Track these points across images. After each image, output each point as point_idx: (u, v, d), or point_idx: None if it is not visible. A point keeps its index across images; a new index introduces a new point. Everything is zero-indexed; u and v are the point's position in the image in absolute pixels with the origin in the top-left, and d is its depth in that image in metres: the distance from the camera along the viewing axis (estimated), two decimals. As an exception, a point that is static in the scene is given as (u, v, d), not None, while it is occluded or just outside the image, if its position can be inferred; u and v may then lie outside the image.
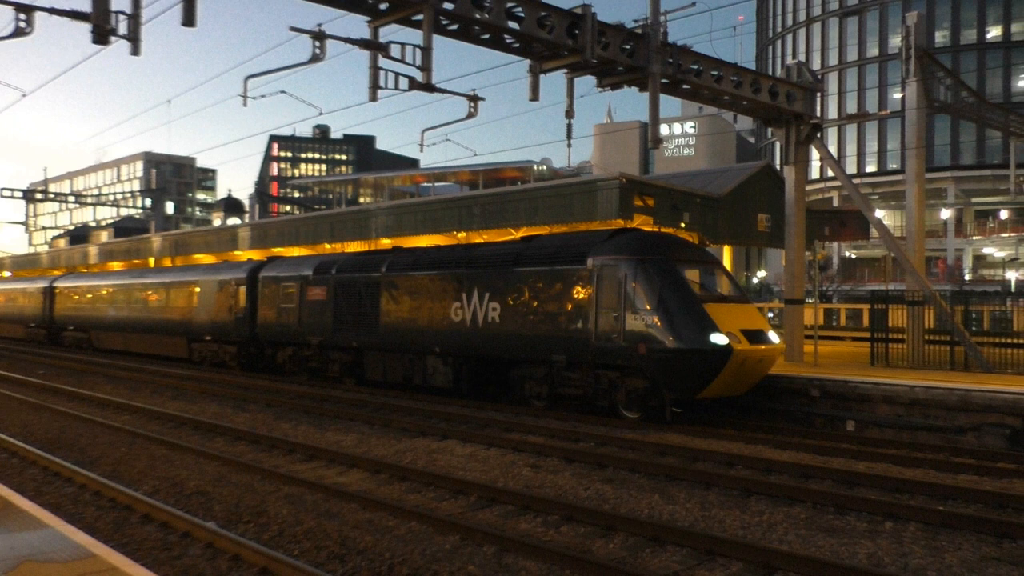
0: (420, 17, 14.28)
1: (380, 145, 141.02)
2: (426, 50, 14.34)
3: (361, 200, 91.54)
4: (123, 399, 18.57)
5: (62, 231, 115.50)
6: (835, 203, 59.61)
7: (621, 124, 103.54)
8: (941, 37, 57.59)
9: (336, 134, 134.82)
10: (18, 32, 12.70)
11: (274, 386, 21.60)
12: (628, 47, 16.83)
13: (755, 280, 67.06)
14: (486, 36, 15.64)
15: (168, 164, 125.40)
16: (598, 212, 21.73)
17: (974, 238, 60.45)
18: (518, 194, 25.54)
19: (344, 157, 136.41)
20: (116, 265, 45.84)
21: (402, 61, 14.57)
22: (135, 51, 12.74)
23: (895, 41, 55.13)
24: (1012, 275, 54.78)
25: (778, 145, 57.47)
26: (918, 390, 14.49)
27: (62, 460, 11.34)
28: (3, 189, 49.43)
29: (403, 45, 14.59)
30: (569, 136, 17.19)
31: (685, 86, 18.48)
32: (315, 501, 9.46)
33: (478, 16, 14.76)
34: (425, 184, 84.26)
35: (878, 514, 8.95)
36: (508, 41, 15.86)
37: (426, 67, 14.48)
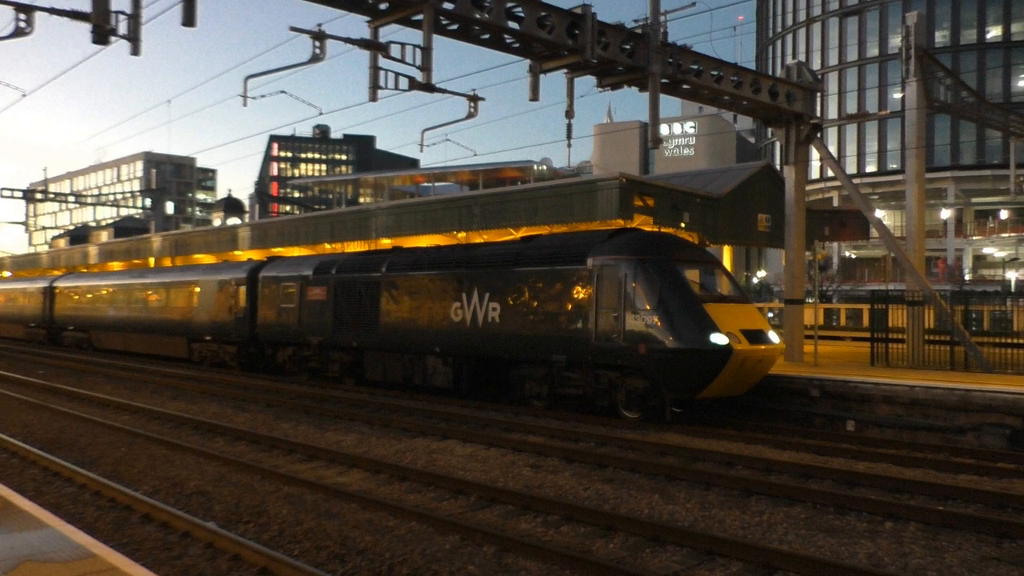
0: (420, 17, 14.29)
1: (380, 145, 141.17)
2: (426, 50, 14.34)
3: (361, 200, 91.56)
4: (123, 399, 18.56)
5: (62, 231, 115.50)
6: (835, 203, 59.62)
7: (621, 124, 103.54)
8: (941, 37, 57.60)
9: (336, 134, 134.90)
10: (18, 32, 12.70)
11: (274, 386, 21.60)
12: (628, 47, 16.83)
13: (755, 280, 67.06)
14: (486, 36, 15.64)
15: (168, 164, 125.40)
16: (598, 212, 21.73)
17: (974, 238, 60.44)
18: (518, 194, 25.53)
19: (344, 157, 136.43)
20: (116, 265, 45.84)
21: (402, 61, 14.58)
22: (135, 51, 12.74)
23: (895, 41, 55.13)
24: (1012, 275, 54.78)
25: (778, 145, 57.47)
26: (918, 390, 14.49)
27: (62, 460, 11.34)
28: (3, 189, 49.43)
29: (403, 45, 14.60)
30: (569, 136, 17.19)
31: (685, 86, 18.48)
32: (315, 501, 9.46)
33: (478, 16, 14.76)
34: (425, 184, 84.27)
35: (878, 514, 8.94)
36: (508, 41, 15.86)
37: (426, 67, 14.48)
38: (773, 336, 15.41)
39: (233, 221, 62.49)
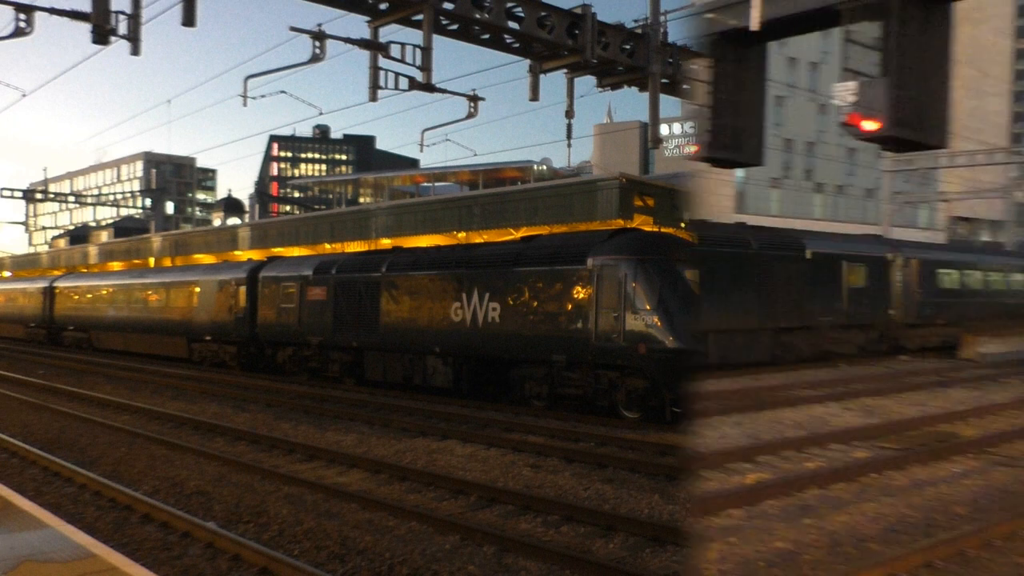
0: (420, 17, 14.28)
1: (380, 145, 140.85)
2: (426, 50, 14.33)
3: (361, 200, 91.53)
4: (123, 399, 18.57)
5: (62, 231, 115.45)
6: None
7: (621, 124, 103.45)
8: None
9: (336, 134, 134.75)
10: (18, 32, 12.70)
11: (274, 386, 21.60)
12: (628, 47, 16.82)
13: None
14: (486, 36, 15.63)
15: (168, 164, 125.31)
16: (598, 212, 21.73)
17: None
18: (518, 194, 25.54)
19: (344, 157, 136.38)
20: (116, 265, 45.85)
21: (402, 61, 14.57)
22: (135, 51, 12.74)
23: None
24: None
25: (778, 145, 57.43)
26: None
27: (62, 460, 11.35)
28: (3, 189, 49.37)
29: (403, 45, 14.58)
30: (569, 136, 17.24)
31: (685, 86, 18.47)
32: (315, 501, 9.46)
33: (478, 16, 14.75)
34: (425, 184, 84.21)
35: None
36: (508, 41, 15.86)
37: (426, 67, 14.48)
38: (773, 336, 15.41)
39: (233, 221, 62.48)
